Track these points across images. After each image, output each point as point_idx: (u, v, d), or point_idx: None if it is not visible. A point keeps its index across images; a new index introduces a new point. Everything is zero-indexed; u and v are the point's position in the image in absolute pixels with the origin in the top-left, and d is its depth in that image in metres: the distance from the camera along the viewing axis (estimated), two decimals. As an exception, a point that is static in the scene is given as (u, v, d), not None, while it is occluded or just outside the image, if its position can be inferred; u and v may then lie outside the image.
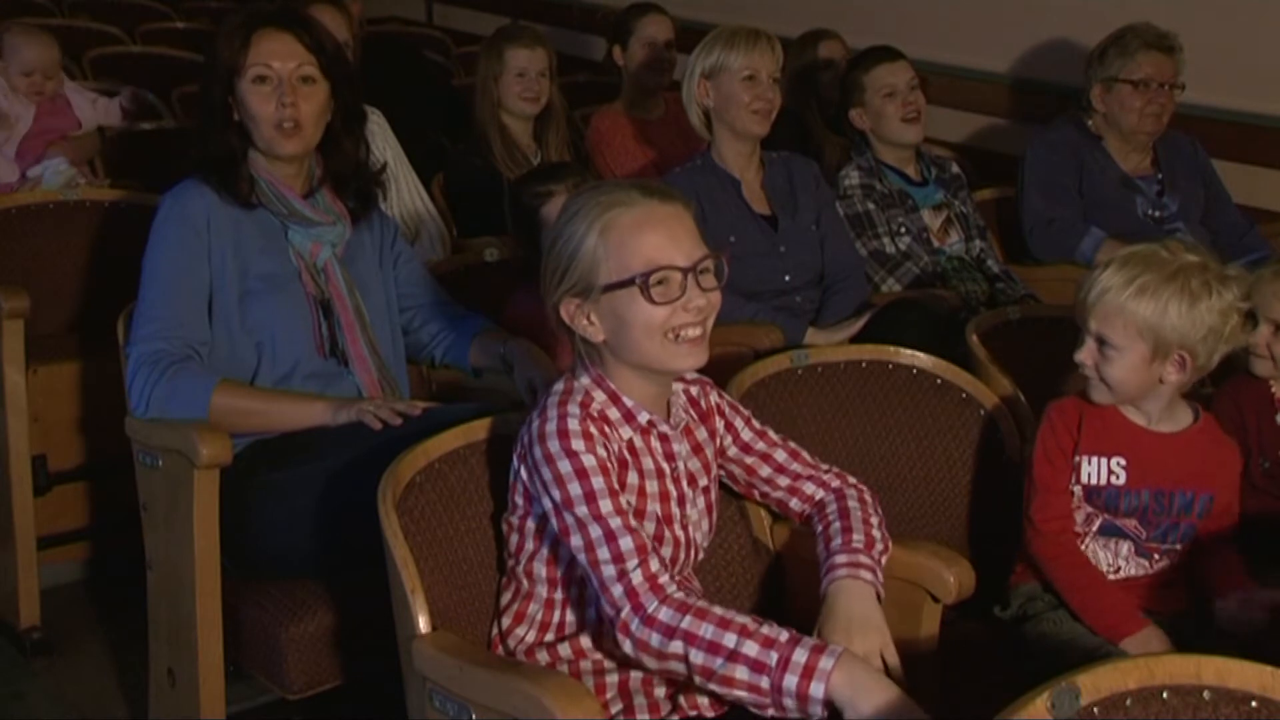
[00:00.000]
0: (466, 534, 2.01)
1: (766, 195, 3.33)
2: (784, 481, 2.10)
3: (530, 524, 1.89)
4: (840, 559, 1.94)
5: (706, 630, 1.72)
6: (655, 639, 1.74)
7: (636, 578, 1.76)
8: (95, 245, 3.42)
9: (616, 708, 1.88)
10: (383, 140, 3.62)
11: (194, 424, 2.35)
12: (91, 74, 4.99)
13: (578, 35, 5.92)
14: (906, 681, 1.90)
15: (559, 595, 1.91)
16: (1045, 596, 2.25)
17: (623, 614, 1.75)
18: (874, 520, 2.03)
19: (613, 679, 1.89)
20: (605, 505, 1.79)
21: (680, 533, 1.94)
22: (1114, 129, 3.72)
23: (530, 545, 1.91)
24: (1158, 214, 3.71)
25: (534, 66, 3.88)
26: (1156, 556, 2.24)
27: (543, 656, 1.92)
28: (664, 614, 1.74)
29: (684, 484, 1.96)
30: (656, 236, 1.85)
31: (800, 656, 1.68)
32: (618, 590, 1.76)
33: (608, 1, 5.44)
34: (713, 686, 1.73)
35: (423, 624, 1.85)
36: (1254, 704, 1.40)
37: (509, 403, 2.41)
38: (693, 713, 1.88)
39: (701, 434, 2.03)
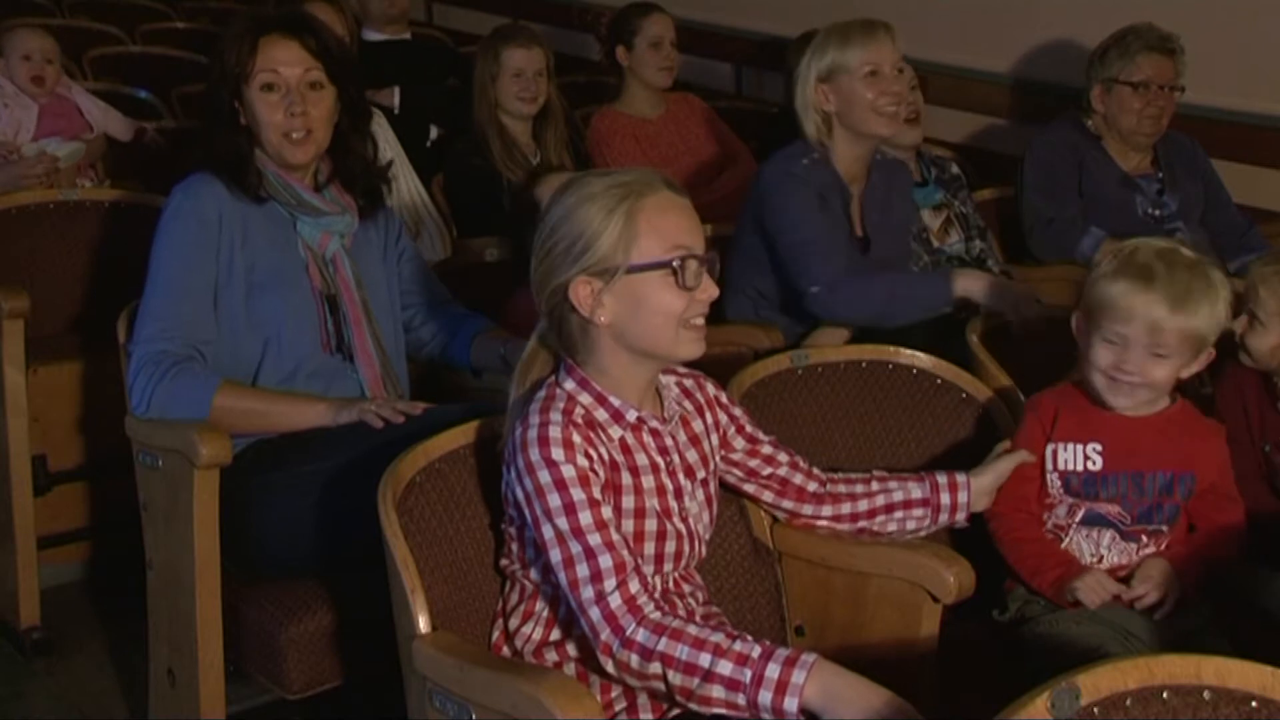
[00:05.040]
0: (466, 534, 2.01)
1: (862, 212, 3.09)
2: (784, 458, 2.13)
3: (528, 533, 1.89)
4: (941, 479, 2.16)
5: (682, 651, 1.72)
6: (634, 660, 1.74)
7: (615, 601, 1.75)
8: (95, 245, 3.42)
9: (620, 706, 1.88)
10: (383, 141, 3.62)
11: (194, 424, 2.34)
12: (91, 74, 4.99)
13: (577, 35, 5.91)
14: (906, 681, 1.90)
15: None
16: (1043, 598, 2.25)
17: (603, 637, 1.75)
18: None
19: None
20: (585, 518, 1.78)
21: (681, 525, 1.94)
22: (1113, 129, 3.72)
23: (531, 552, 1.91)
24: (1157, 213, 3.71)
25: (531, 66, 3.88)
26: (1144, 539, 2.25)
27: (551, 655, 1.92)
28: (641, 635, 1.74)
29: (680, 476, 1.96)
30: (683, 223, 1.87)
31: (773, 672, 1.68)
32: (595, 614, 1.76)
33: (605, 1, 5.44)
34: (693, 706, 1.74)
35: (423, 624, 1.85)
36: (1254, 704, 1.40)
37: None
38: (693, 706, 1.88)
39: (699, 425, 2.03)
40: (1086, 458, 2.24)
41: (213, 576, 2.36)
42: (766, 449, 2.12)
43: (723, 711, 1.71)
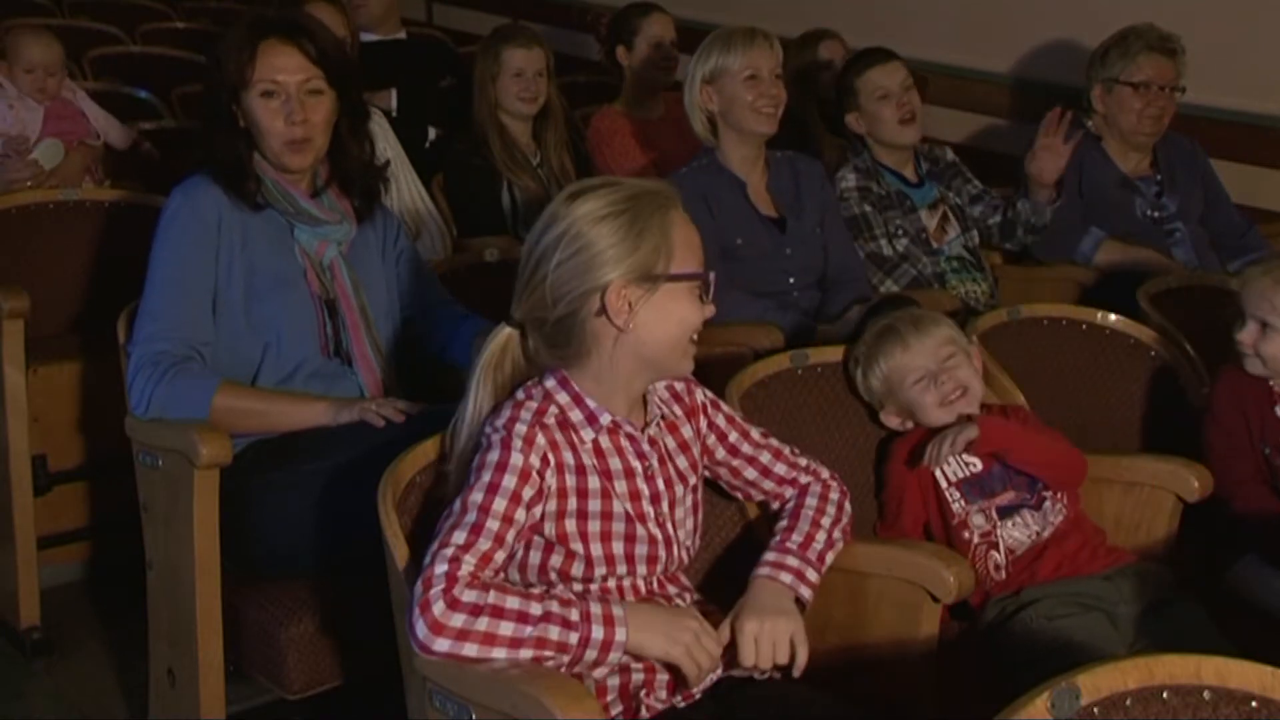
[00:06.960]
0: (466, 534, 2.00)
1: (772, 197, 3.31)
2: (769, 485, 2.13)
3: None
4: (769, 557, 2.00)
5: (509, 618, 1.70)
6: (459, 619, 1.69)
7: (465, 566, 1.72)
8: (95, 245, 3.42)
9: (617, 710, 1.88)
10: (383, 142, 3.62)
11: (194, 424, 2.34)
12: (91, 74, 4.98)
13: (577, 35, 5.92)
14: (906, 681, 1.90)
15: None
16: (1009, 600, 2.29)
17: (431, 591, 1.70)
18: (825, 520, 2.06)
19: (614, 682, 1.88)
20: (498, 504, 1.79)
21: (657, 530, 1.94)
22: (1113, 130, 3.73)
23: (518, 551, 1.90)
24: (1157, 214, 3.71)
25: (531, 66, 3.88)
26: (1048, 503, 2.33)
27: (549, 661, 1.91)
28: (470, 595, 1.70)
29: (659, 482, 1.96)
30: (697, 241, 1.93)
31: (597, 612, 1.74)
32: (440, 569, 1.71)
33: (605, 1, 5.44)
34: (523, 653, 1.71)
35: (423, 624, 1.85)
36: (1254, 704, 1.40)
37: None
38: (684, 703, 1.89)
39: (687, 431, 2.04)
40: (967, 464, 2.35)
41: (213, 576, 2.36)
42: (751, 473, 2.11)
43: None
